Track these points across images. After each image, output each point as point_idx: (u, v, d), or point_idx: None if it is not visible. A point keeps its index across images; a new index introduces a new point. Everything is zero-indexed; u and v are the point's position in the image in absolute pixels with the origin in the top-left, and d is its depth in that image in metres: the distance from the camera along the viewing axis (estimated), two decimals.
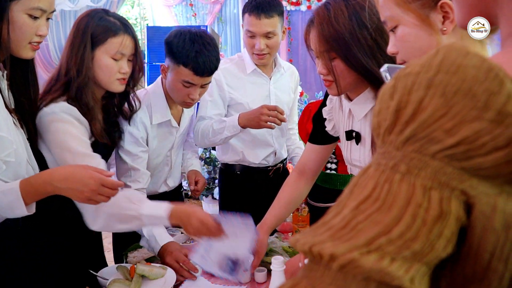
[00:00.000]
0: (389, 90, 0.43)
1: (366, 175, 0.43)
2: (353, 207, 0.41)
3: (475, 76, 0.39)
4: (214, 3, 6.94)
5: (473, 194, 0.39)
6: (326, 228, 0.41)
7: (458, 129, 0.38)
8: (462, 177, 0.39)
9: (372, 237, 0.38)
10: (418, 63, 0.42)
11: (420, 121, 0.40)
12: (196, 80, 1.71)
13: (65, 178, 1.21)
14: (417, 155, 0.40)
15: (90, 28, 1.46)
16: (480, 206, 0.39)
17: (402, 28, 0.94)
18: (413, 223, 0.38)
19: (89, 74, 1.46)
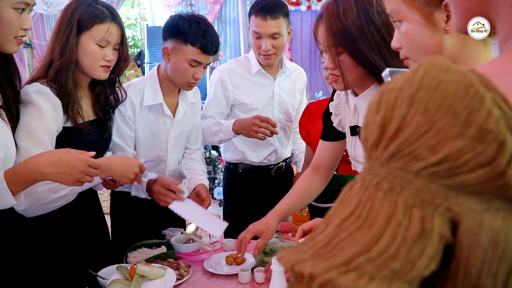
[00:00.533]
0: (374, 105, 0.43)
1: (351, 191, 0.42)
2: (336, 224, 0.41)
3: (456, 92, 0.38)
4: (213, 3, 6.94)
5: (459, 211, 0.39)
6: (311, 245, 0.41)
7: (441, 146, 0.38)
8: (447, 194, 0.39)
9: (352, 256, 0.38)
10: (401, 78, 0.42)
11: (404, 137, 0.39)
12: (203, 58, 1.77)
13: (51, 163, 1.22)
14: (400, 173, 0.39)
15: (77, 13, 1.49)
16: (466, 223, 0.39)
17: (406, 25, 0.95)
18: (393, 241, 0.38)
19: (72, 58, 1.49)
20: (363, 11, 1.22)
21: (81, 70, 1.55)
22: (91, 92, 1.65)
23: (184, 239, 1.84)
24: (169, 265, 1.57)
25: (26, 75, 4.83)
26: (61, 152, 1.27)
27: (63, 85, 1.48)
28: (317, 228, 0.43)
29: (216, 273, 1.59)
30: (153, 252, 1.70)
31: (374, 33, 1.21)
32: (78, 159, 1.24)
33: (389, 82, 0.43)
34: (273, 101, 2.18)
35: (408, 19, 0.94)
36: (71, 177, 1.23)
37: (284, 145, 2.29)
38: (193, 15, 1.80)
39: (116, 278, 1.43)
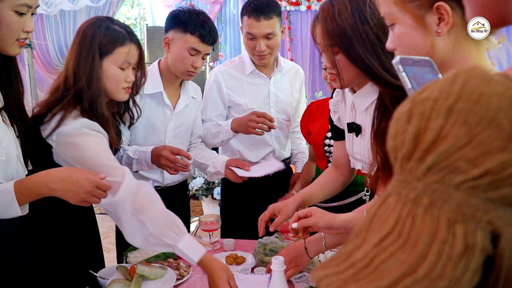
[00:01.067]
0: (405, 114, 0.42)
1: (386, 205, 0.41)
2: (375, 243, 0.39)
3: (499, 104, 0.37)
4: (213, 3, 6.94)
5: (500, 223, 0.38)
6: (348, 264, 0.40)
7: (482, 159, 0.37)
8: (488, 207, 0.38)
9: (397, 278, 0.37)
10: (436, 88, 0.41)
11: (442, 150, 0.38)
12: (202, 47, 1.85)
13: (61, 179, 1.23)
14: (440, 187, 0.38)
15: (97, 37, 1.46)
16: (507, 235, 0.38)
17: (399, 27, 0.96)
18: (439, 260, 0.37)
19: (100, 86, 1.47)
20: (358, 10, 1.22)
21: (104, 94, 1.52)
22: None
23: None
24: (169, 265, 1.57)
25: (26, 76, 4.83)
26: (72, 170, 1.29)
27: (100, 115, 1.46)
28: (348, 244, 0.42)
29: None
30: (153, 252, 1.70)
31: (369, 33, 1.22)
32: (87, 179, 1.24)
33: (422, 91, 0.42)
34: (269, 101, 2.17)
35: (400, 22, 0.95)
36: (77, 196, 1.25)
37: (283, 145, 2.27)
38: (193, 8, 1.90)
39: (116, 278, 1.43)
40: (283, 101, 2.20)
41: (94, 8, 5.81)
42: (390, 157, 0.44)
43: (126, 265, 1.53)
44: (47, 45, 5.83)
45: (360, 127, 1.39)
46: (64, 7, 5.49)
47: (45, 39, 5.89)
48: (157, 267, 1.49)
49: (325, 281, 0.40)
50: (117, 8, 6.05)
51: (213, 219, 1.87)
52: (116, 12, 6.09)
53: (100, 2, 5.76)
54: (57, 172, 1.26)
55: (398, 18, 0.94)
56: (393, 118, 0.44)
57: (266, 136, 2.14)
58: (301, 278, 1.44)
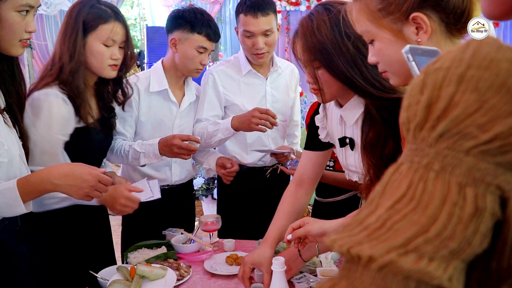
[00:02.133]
0: (418, 85, 0.43)
1: (399, 173, 0.43)
2: (388, 206, 0.41)
3: (509, 70, 0.38)
4: (213, 3, 6.94)
5: (508, 188, 0.39)
6: (361, 227, 0.41)
7: (492, 124, 0.38)
8: (497, 172, 0.39)
9: (410, 237, 0.38)
10: (448, 57, 0.42)
11: (453, 117, 0.40)
12: (209, 45, 1.92)
13: (64, 175, 1.26)
14: (450, 152, 0.40)
15: (82, 15, 1.53)
16: None
17: (378, 43, 0.96)
18: (449, 221, 0.38)
19: (81, 59, 1.53)
20: (337, 25, 1.23)
21: (89, 70, 1.58)
22: (96, 91, 1.68)
23: (184, 240, 1.84)
24: (170, 265, 1.57)
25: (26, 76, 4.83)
26: (74, 165, 1.32)
27: (75, 87, 1.51)
28: (361, 211, 0.43)
29: (217, 273, 1.59)
30: (154, 253, 1.70)
31: (349, 46, 1.22)
32: (90, 173, 1.28)
33: (435, 61, 0.43)
34: (266, 101, 2.15)
35: (379, 39, 0.95)
36: (81, 190, 1.28)
37: (279, 145, 2.24)
38: (195, 8, 1.94)
39: (116, 278, 1.43)
40: (280, 101, 2.19)
41: None
42: (402, 129, 0.45)
43: (126, 265, 1.53)
44: (46, 45, 5.82)
45: (353, 141, 1.39)
46: (64, 7, 5.48)
47: (45, 39, 5.88)
48: (157, 267, 1.49)
49: (339, 243, 0.41)
50: None
51: (213, 219, 1.87)
52: None
53: None
54: (60, 168, 1.28)
55: (376, 34, 0.95)
56: (407, 91, 0.45)
57: (262, 137, 2.14)
58: (302, 279, 1.44)
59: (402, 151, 1.10)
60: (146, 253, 1.69)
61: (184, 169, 2.11)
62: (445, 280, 0.37)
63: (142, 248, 1.73)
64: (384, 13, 0.91)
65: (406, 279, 0.38)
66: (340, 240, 0.41)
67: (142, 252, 1.70)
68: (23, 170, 1.34)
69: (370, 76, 1.21)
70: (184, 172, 2.11)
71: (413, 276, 0.38)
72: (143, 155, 1.85)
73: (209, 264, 1.65)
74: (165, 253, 1.70)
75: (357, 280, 0.40)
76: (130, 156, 1.87)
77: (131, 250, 1.73)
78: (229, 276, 1.58)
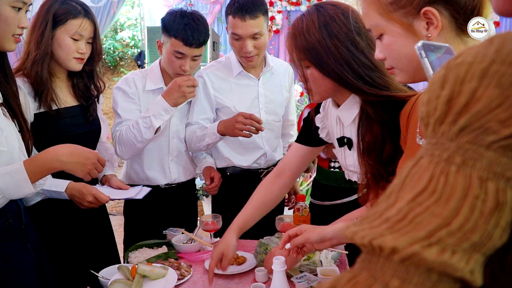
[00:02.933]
0: (439, 80, 0.43)
1: (419, 166, 0.43)
2: (409, 199, 0.41)
3: None
4: (214, 3, 6.95)
5: None
6: (382, 220, 0.42)
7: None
8: None
9: (432, 229, 0.38)
10: (471, 53, 0.42)
11: (474, 111, 0.40)
12: (186, 50, 1.85)
13: (69, 153, 1.37)
14: (471, 146, 0.40)
15: (53, 9, 1.60)
16: None
17: (387, 37, 0.95)
18: (471, 214, 0.38)
19: (47, 50, 1.59)
20: (325, 26, 1.24)
21: (56, 61, 1.65)
22: (70, 82, 1.75)
23: (185, 239, 1.84)
24: (170, 265, 1.58)
25: None
26: (75, 146, 1.41)
27: (38, 75, 1.58)
28: (379, 204, 0.43)
29: (217, 273, 1.59)
30: (154, 252, 1.70)
31: (338, 46, 1.23)
32: (91, 152, 1.43)
33: (456, 56, 0.43)
34: (259, 102, 2.11)
35: (388, 32, 0.94)
36: (85, 167, 1.39)
37: (274, 147, 2.21)
38: (181, 11, 1.90)
39: (117, 278, 1.43)
40: (273, 102, 2.15)
41: (95, 8, 5.80)
42: (421, 124, 0.45)
43: (127, 265, 1.53)
44: None
45: (351, 140, 1.39)
46: None
47: None
48: (158, 267, 1.49)
49: (360, 234, 0.42)
50: (117, 8, 6.04)
51: (213, 219, 1.87)
52: (116, 13, 6.08)
53: (100, 3, 5.76)
54: (65, 148, 1.38)
55: (386, 28, 0.94)
56: (427, 85, 0.45)
57: (256, 139, 2.09)
58: (302, 278, 1.44)
59: (402, 152, 1.10)
60: (147, 253, 1.70)
61: (181, 167, 2.10)
62: (467, 273, 0.38)
63: (143, 247, 1.74)
64: (395, 7, 0.91)
65: (429, 271, 0.38)
66: (362, 232, 0.42)
67: (143, 252, 1.70)
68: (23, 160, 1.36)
69: (362, 73, 1.22)
70: (182, 171, 2.10)
71: (436, 268, 0.38)
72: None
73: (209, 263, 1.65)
74: (165, 252, 1.71)
75: (378, 272, 0.40)
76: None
77: (132, 250, 1.73)
78: (229, 276, 1.58)
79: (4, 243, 1.32)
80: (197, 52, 1.87)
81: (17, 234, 1.36)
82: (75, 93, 1.74)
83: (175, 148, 2.04)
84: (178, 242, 1.80)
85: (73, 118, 1.69)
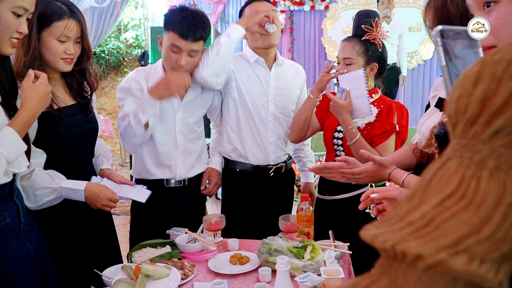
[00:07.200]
0: (472, 77, 0.40)
1: (446, 168, 0.40)
2: (435, 203, 0.39)
3: None
4: (217, 3, 6.96)
5: None
6: (404, 223, 0.39)
7: None
8: None
9: (460, 237, 0.36)
10: (511, 50, 0.39)
11: (511, 113, 0.37)
12: (182, 44, 1.83)
13: (39, 99, 1.42)
14: (507, 151, 0.37)
15: (37, 11, 1.55)
16: None
17: (505, 6, 0.81)
18: (503, 223, 0.36)
19: (35, 54, 1.58)
20: None
21: (45, 63, 1.64)
22: (64, 81, 1.74)
23: (188, 239, 1.85)
24: (174, 264, 1.58)
25: None
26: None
27: None
28: (401, 206, 0.41)
29: (221, 272, 1.59)
30: (158, 252, 1.71)
31: None
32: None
33: (495, 52, 0.40)
34: (269, 93, 2.15)
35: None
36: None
37: (282, 141, 2.22)
38: (182, 6, 1.89)
39: (121, 277, 1.44)
40: (283, 96, 2.18)
41: (98, 9, 5.83)
42: (448, 122, 0.43)
43: (130, 264, 1.54)
44: None
45: None
46: None
47: None
48: (161, 266, 1.49)
49: (381, 238, 0.39)
50: (121, 8, 6.06)
51: (217, 219, 1.88)
52: (120, 13, 6.10)
53: (104, 3, 5.78)
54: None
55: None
56: (457, 82, 0.42)
57: (263, 130, 2.14)
58: (306, 278, 1.44)
59: None
60: (150, 252, 1.70)
61: (188, 163, 2.08)
62: (496, 284, 0.36)
63: (146, 247, 1.74)
64: None
65: (455, 280, 0.36)
66: (382, 236, 0.39)
67: (147, 251, 1.71)
68: (21, 161, 1.38)
69: None
70: (189, 167, 2.08)
71: (463, 277, 0.36)
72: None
73: (213, 263, 1.66)
74: (169, 252, 1.71)
75: (400, 279, 0.38)
76: None
77: (136, 249, 1.73)
78: (233, 275, 1.58)
79: (1, 242, 1.33)
80: (194, 47, 1.86)
81: (15, 234, 1.37)
82: (71, 91, 1.74)
83: (182, 144, 2.04)
84: (181, 241, 1.81)
85: (73, 117, 1.70)
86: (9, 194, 1.38)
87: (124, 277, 1.44)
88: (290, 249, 1.62)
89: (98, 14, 5.84)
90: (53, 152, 1.63)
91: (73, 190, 1.61)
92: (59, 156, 1.66)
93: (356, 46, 1.93)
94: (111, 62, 8.38)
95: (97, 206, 1.65)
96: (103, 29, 5.94)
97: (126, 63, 8.47)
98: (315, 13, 7.17)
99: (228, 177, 2.24)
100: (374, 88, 2.01)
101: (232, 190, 2.24)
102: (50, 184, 1.57)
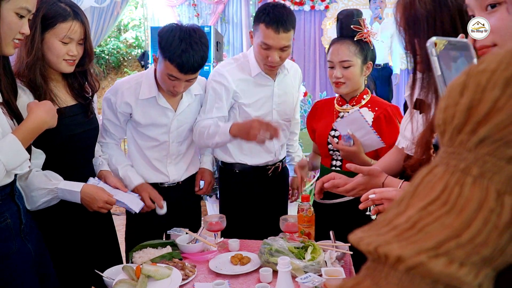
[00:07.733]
0: (458, 86, 0.41)
1: (433, 174, 0.41)
2: (420, 208, 0.40)
3: None
4: (217, 3, 6.96)
5: None
6: (390, 227, 0.40)
7: None
8: None
9: (441, 240, 0.37)
10: (495, 60, 0.40)
11: (496, 122, 0.38)
12: (180, 76, 1.79)
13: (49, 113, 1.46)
14: (491, 159, 0.38)
15: (41, 12, 1.56)
16: None
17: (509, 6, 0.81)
18: (484, 228, 0.37)
19: (38, 55, 1.58)
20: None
21: (47, 64, 1.64)
22: (66, 82, 1.74)
23: (189, 239, 1.85)
24: (175, 265, 1.58)
25: None
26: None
27: (32, 80, 1.57)
28: (388, 211, 0.42)
29: (222, 273, 1.59)
30: (159, 252, 1.71)
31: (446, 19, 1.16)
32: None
33: (479, 63, 0.41)
34: (272, 102, 2.13)
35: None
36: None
37: (283, 145, 2.25)
38: (180, 30, 1.77)
39: (122, 278, 1.44)
40: (285, 103, 2.17)
41: (98, 9, 5.82)
42: (437, 131, 0.44)
43: (131, 265, 1.54)
44: None
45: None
46: None
47: None
48: (162, 267, 1.49)
49: (366, 241, 0.40)
50: (121, 8, 6.05)
51: (218, 219, 1.88)
52: (120, 13, 6.10)
53: (104, 3, 5.77)
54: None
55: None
56: (445, 91, 0.43)
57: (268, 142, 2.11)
58: (307, 279, 1.44)
59: None
60: (151, 253, 1.70)
61: (180, 167, 2.09)
62: (475, 287, 0.36)
63: (147, 247, 1.74)
64: None
65: (434, 282, 0.37)
66: (367, 238, 0.40)
67: (147, 252, 1.71)
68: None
69: None
70: (181, 170, 2.09)
71: (442, 280, 0.37)
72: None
73: (214, 263, 1.66)
74: (170, 252, 1.71)
75: (382, 280, 0.39)
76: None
77: (136, 250, 1.73)
78: (234, 276, 1.58)
79: (2, 243, 1.33)
80: (192, 76, 1.83)
81: (16, 234, 1.37)
82: (72, 92, 1.74)
83: (174, 152, 2.04)
84: (182, 242, 1.81)
85: (74, 117, 1.70)
86: (10, 194, 1.39)
87: (125, 278, 1.44)
88: (291, 249, 1.62)
89: (98, 14, 5.83)
90: (53, 152, 1.62)
91: (69, 192, 1.60)
92: (59, 156, 1.65)
93: (351, 47, 1.89)
94: (111, 62, 8.39)
95: (93, 208, 1.63)
96: (103, 29, 5.93)
97: (126, 63, 8.47)
98: (315, 13, 7.16)
99: (227, 178, 2.24)
100: (365, 89, 1.99)
101: (231, 191, 2.24)
102: (47, 185, 1.57)
